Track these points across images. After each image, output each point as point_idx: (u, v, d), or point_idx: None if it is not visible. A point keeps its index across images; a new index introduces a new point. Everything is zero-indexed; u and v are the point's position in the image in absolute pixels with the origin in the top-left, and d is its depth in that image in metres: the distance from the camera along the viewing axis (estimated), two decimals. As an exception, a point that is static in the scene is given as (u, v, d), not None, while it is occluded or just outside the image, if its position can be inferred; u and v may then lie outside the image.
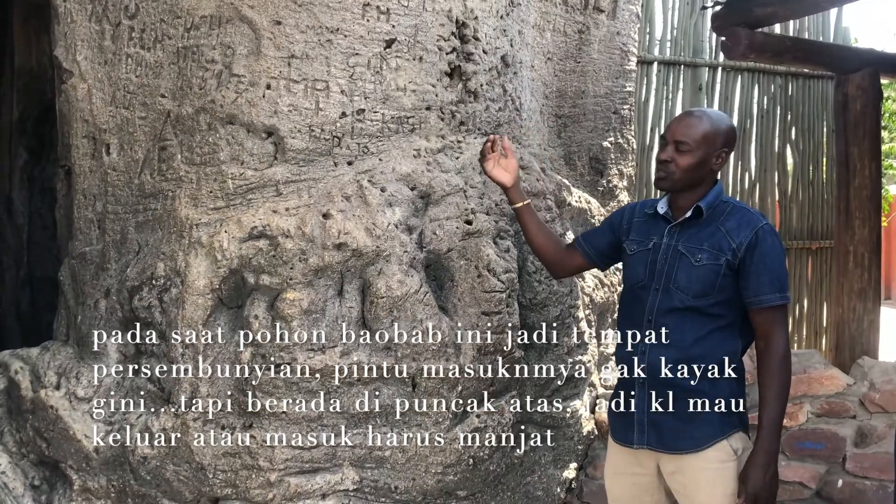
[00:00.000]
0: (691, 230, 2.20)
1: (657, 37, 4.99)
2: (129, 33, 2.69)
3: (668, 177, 2.19)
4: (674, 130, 2.20)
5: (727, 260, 2.13)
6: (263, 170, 2.51)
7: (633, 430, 2.24)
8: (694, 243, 2.18)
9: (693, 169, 2.17)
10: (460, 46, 2.74)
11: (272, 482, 2.38)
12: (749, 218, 2.17)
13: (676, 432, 2.17)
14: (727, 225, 2.16)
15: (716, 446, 2.15)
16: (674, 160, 2.18)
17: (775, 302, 2.12)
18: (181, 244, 2.50)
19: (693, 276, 2.14)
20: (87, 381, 2.59)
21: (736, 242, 2.13)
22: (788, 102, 5.49)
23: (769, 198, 5.45)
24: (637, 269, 2.26)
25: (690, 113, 2.26)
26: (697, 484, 2.15)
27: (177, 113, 2.59)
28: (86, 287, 2.76)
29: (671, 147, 2.19)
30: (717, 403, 2.16)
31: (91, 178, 2.78)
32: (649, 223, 2.30)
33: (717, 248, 2.14)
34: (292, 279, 2.41)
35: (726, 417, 2.17)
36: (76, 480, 2.52)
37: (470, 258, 2.57)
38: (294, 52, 2.50)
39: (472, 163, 2.68)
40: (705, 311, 2.14)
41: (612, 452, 2.36)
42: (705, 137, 2.16)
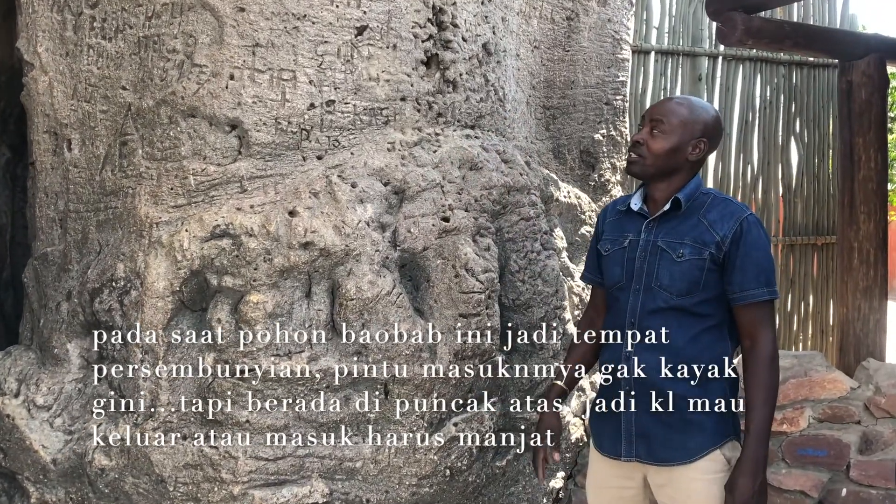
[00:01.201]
0: (670, 223, 2.06)
1: (654, 25, 4.83)
2: (91, 23, 2.56)
3: (640, 160, 2.06)
4: (651, 110, 2.08)
5: (711, 254, 1.99)
6: (227, 165, 2.38)
7: (620, 441, 2.09)
8: (674, 237, 2.03)
9: (666, 154, 2.03)
10: (437, 34, 2.60)
11: (235, 495, 2.24)
12: (732, 208, 2.03)
13: (666, 442, 2.03)
14: (709, 217, 2.02)
15: (708, 457, 2.01)
16: (646, 142, 2.04)
17: (762, 297, 1.97)
18: (141, 244, 2.37)
19: (676, 272, 2.00)
20: (47, 389, 2.47)
21: (720, 235, 1.99)
22: (793, 92, 5.31)
23: (772, 192, 5.28)
24: (614, 270, 2.12)
25: (671, 98, 2.13)
26: (689, 497, 2.00)
27: (137, 106, 2.46)
28: (48, 289, 2.64)
29: (646, 128, 2.06)
30: (709, 410, 2.01)
31: (53, 175, 2.66)
32: (623, 220, 2.16)
33: (700, 242, 2.00)
34: (256, 280, 2.27)
35: (719, 425, 2.02)
36: (33, 493, 2.40)
37: (447, 257, 2.43)
38: (259, 40, 2.37)
39: (450, 156, 2.54)
40: (691, 310, 2.00)
41: (595, 463, 2.21)
42: (683, 122, 2.03)
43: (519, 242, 2.67)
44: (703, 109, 2.08)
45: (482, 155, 2.61)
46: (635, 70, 4.74)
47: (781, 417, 2.93)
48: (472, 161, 2.57)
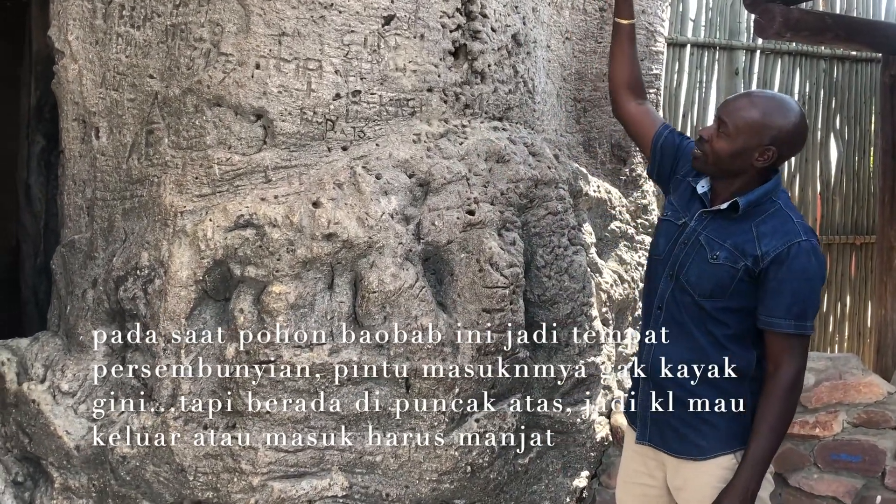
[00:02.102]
0: (720, 222, 1.95)
1: (690, 17, 4.73)
2: (120, 11, 2.56)
3: (702, 157, 1.95)
4: (724, 107, 1.93)
5: (746, 266, 1.88)
6: (251, 155, 2.36)
7: (635, 421, 2.13)
8: (717, 237, 1.93)
9: (727, 157, 1.90)
10: (466, 24, 2.55)
11: (255, 486, 2.24)
12: (788, 227, 1.88)
13: (678, 435, 2.01)
14: (761, 228, 1.89)
15: (722, 461, 1.96)
16: (711, 140, 1.92)
17: (787, 330, 1.86)
18: (165, 233, 2.37)
19: (705, 273, 1.93)
20: (72, 375, 2.49)
21: (762, 250, 1.87)
22: (833, 88, 5.17)
23: (810, 189, 5.16)
24: (660, 240, 2.07)
25: (748, 94, 1.97)
26: (703, 502, 1.95)
27: (164, 94, 2.45)
28: (74, 276, 2.66)
29: (714, 125, 1.94)
30: (724, 412, 1.96)
31: (81, 162, 2.67)
32: (691, 194, 2.05)
33: (740, 251, 1.89)
34: (279, 271, 2.26)
35: (734, 429, 1.96)
36: (57, 478, 2.42)
37: (471, 251, 2.39)
38: (285, 29, 2.35)
39: (476, 149, 2.50)
40: (713, 314, 1.93)
41: (625, 459, 2.21)
42: (750, 126, 1.86)
43: (546, 237, 2.62)
44: (781, 113, 1.88)
45: (509, 147, 2.56)
46: (670, 63, 4.64)
47: (814, 421, 2.85)
48: (499, 153, 2.53)
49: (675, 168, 2.16)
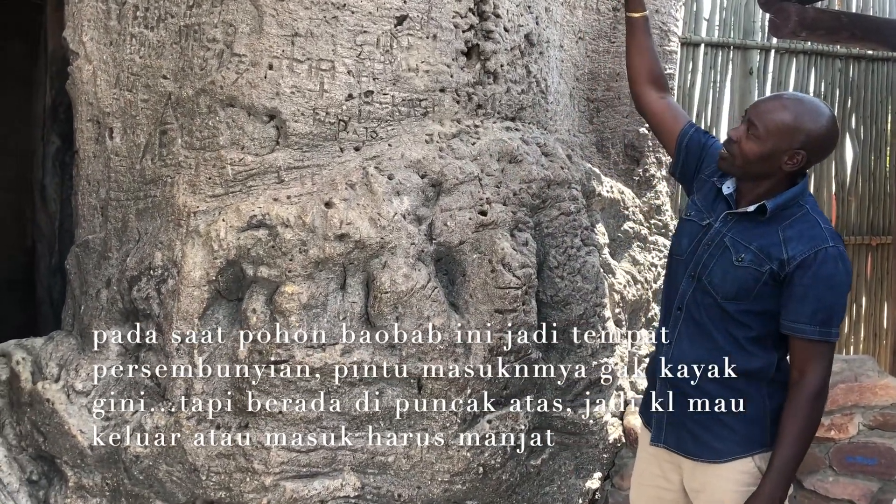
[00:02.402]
0: (745, 224, 1.93)
1: (704, 16, 4.70)
2: (134, 12, 2.57)
3: (729, 158, 1.92)
4: (754, 109, 1.90)
5: (771, 270, 1.86)
6: (264, 155, 2.36)
7: (651, 422, 2.10)
8: (743, 239, 1.91)
9: (756, 160, 1.87)
10: (478, 23, 2.55)
11: (267, 486, 2.24)
12: (815, 232, 1.86)
13: (695, 437, 1.99)
14: (788, 232, 1.87)
15: (738, 464, 1.94)
16: (739, 142, 1.88)
17: (812, 336, 1.85)
18: (178, 233, 2.38)
19: (729, 275, 1.91)
20: (87, 375, 2.50)
21: (788, 254, 1.85)
22: (849, 87, 5.13)
23: (825, 190, 5.12)
24: (682, 240, 2.04)
25: (779, 96, 1.94)
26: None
27: (177, 95, 2.46)
28: (88, 276, 2.67)
29: (744, 127, 1.89)
30: (742, 414, 1.94)
31: (95, 163, 2.68)
32: (713, 198, 2.03)
33: (765, 254, 1.87)
34: (291, 271, 2.26)
35: (752, 432, 1.94)
36: (71, 477, 2.43)
37: (484, 251, 2.39)
38: (298, 29, 2.35)
39: (489, 149, 2.49)
40: (735, 316, 1.92)
41: (639, 461, 2.20)
42: (781, 129, 1.83)
43: (558, 237, 2.61)
44: (811, 117, 1.84)
45: (522, 148, 2.56)
46: (684, 63, 4.61)
47: (829, 423, 2.82)
48: (512, 154, 2.52)
49: (699, 168, 2.13)
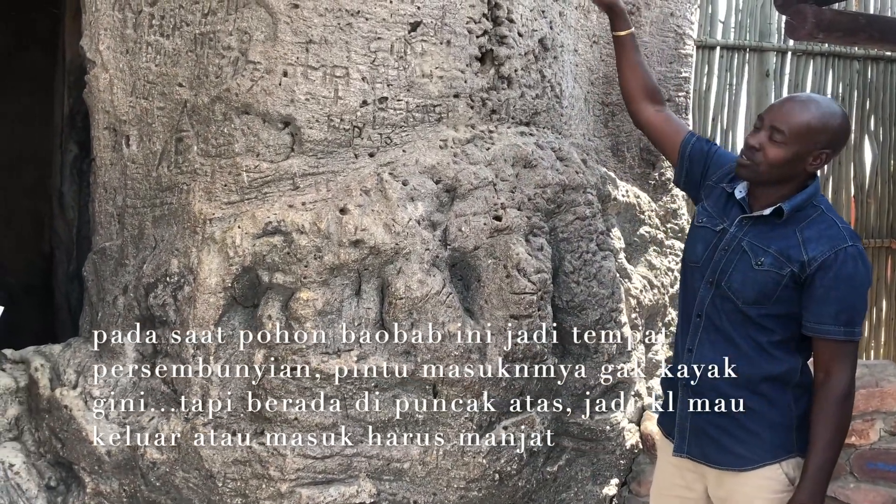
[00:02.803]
0: (761, 227, 1.91)
1: (720, 19, 4.67)
2: (150, 21, 2.59)
3: (753, 166, 1.87)
4: (772, 114, 1.85)
5: (792, 272, 1.84)
6: (279, 162, 2.37)
7: (673, 432, 2.05)
8: (761, 243, 1.89)
9: (782, 164, 1.84)
10: (492, 29, 2.55)
11: (283, 493, 2.24)
12: (833, 232, 1.85)
13: (720, 446, 1.95)
14: (806, 233, 1.85)
15: (766, 471, 1.91)
16: (763, 148, 1.84)
17: (836, 336, 1.83)
18: (194, 240, 2.39)
19: (749, 279, 1.88)
20: (104, 381, 2.51)
21: (809, 255, 1.83)
22: (868, 88, 5.08)
23: (844, 192, 5.07)
24: (696, 247, 2.01)
25: (794, 98, 1.93)
26: None
27: (193, 103, 2.47)
28: (105, 283, 2.69)
29: (764, 133, 1.85)
30: (768, 419, 1.92)
31: (112, 170, 2.70)
32: (725, 203, 2.01)
33: (785, 256, 1.85)
34: (307, 278, 2.26)
35: (779, 437, 1.92)
36: (89, 483, 2.44)
37: (498, 257, 2.38)
38: (312, 36, 2.36)
39: (503, 154, 2.49)
40: (756, 320, 1.89)
41: (660, 470, 2.16)
42: (807, 131, 1.81)
43: (574, 242, 2.60)
44: (832, 115, 1.84)
45: (537, 152, 2.55)
46: (699, 66, 4.59)
47: (850, 429, 2.78)
48: (526, 159, 2.52)
49: (705, 174, 2.11)
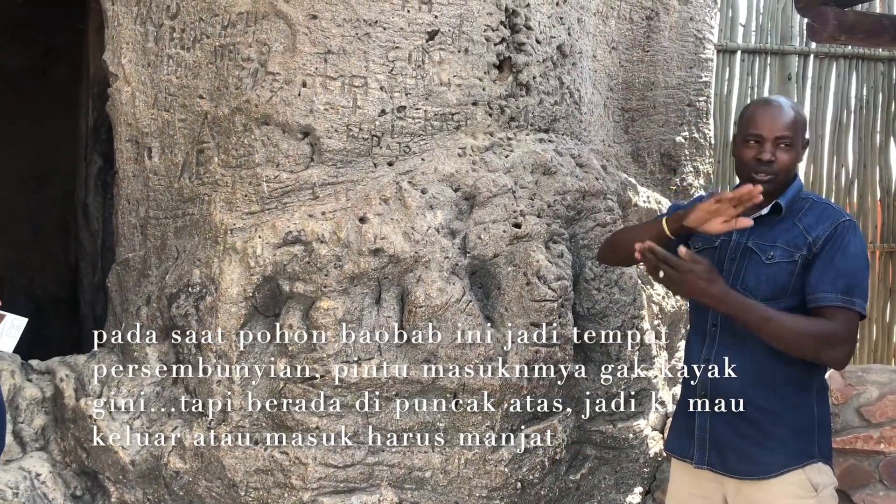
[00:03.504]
0: (764, 227, 1.96)
1: (741, 22, 4.64)
2: (171, 34, 2.62)
3: (773, 179, 1.92)
4: (770, 126, 1.92)
5: (802, 256, 1.89)
6: (299, 172, 2.39)
7: (692, 444, 2.02)
8: (766, 240, 1.94)
9: (793, 164, 1.95)
10: (510, 36, 2.55)
11: (305, 502, 2.25)
12: (830, 212, 1.93)
13: (741, 454, 1.93)
14: (805, 220, 1.93)
15: (790, 477, 1.88)
16: (778, 159, 1.91)
17: (832, 302, 1.83)
18: (216, 250, 2.41)
19: (763, 275, 1.90)
20: (127, 391, 2.53)
21: (813, 236, 1.89)
22: (892, 90, 5.01)
23: (869, 196, 5.00)
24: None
25: (768, 102, 2.00)
26: None
27: (213, 114, 2.50)
28: (129, 294, 2.71)
29: (770, 144, 1.91)
30: (791, 425, 1.90)
31: (134, 182, 2.73)
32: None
33: (793, 245, 1.90)
34: (327, 287, 2.27)
35: (802, 443, 1.90)
36: (114, 492, 2.46)
37: (518, 264, 2.37)
38: (330, 47, 2.37)
39: (522, 161, 2.49)
40: None
41: (675, 479, 2.13)
42: (797, 127, 1.94)
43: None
44: (798, 105, 2.02)
45: (556, 159, 2.54)
46: (720, 70, 4.56)
47: (879, 436, 2.74)
48: (546, 165, 2.51)
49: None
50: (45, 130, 5.09)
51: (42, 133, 5.08)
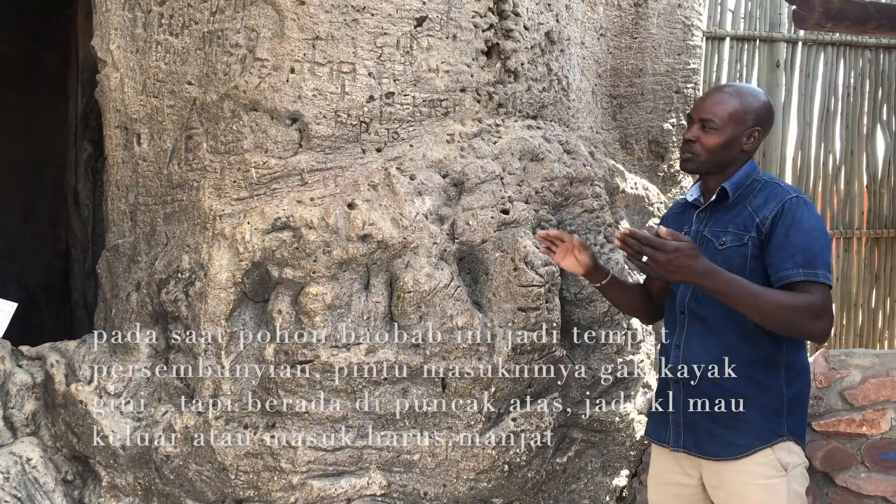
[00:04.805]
0: (718, 214, 2.03)
1: (730, 9, 4.65)
2: (159, 20, 2.62)
3: (694, 158, 2.02)
4: (699, 108, 2.02)
5: (752, 237, 1.93)
6: (288, 158, 2.39)
7: (668, 429, 2.08)
8: (719, 227, 2.01)
9: (720, 149, 1.99)
10: (498, 23, 2.56)
11: (294, 485, 2.27)
12: (777, 191, 1.97)
13: (713, 437, 1.98)
14: (754, 203, 1.98)
15: (758, 457, 1.93)
16: (699, 140, 2.00)
17: (796, 277, 1.85)
18: (205, 236, 2.42)
19: (718, 261, 1.92)
20: (118, 377, 2.55)
21: (760, 217, 1.93)
22: (880, 78, 5.03)
23: (856, 182, 5.03)
24: None
25: (720, 88, 2.07)
26: (741, 501, 1.93)
27: (202, 100, 2.50)
28: (119, 280, 2.72)
29: (696, 126, 2.01)
30: (760, 406, 1.94)
31: (123, 168, 2.74)
32: (683, 213, 2.15)
33: (742, 228, 1.95)
34: (315, 272, 2.29)
35: (771, 423, 1.94)
36: (104, 477, 2.48)
37: (506, 250, 2.39)
38: (319, 33, 2.38)
39: (510, 147, 2.50)
40: None
41: (655, 459, 2.19)
42: (733, 115, 1.98)
43: (582, 235, 2.61)
44: (754, 97, 2.02)
45: (544, 146, 2.56)
46: (709, 57, 4.57)
47: (861, 419, 2.78)
48: (534, 152, 2.53)
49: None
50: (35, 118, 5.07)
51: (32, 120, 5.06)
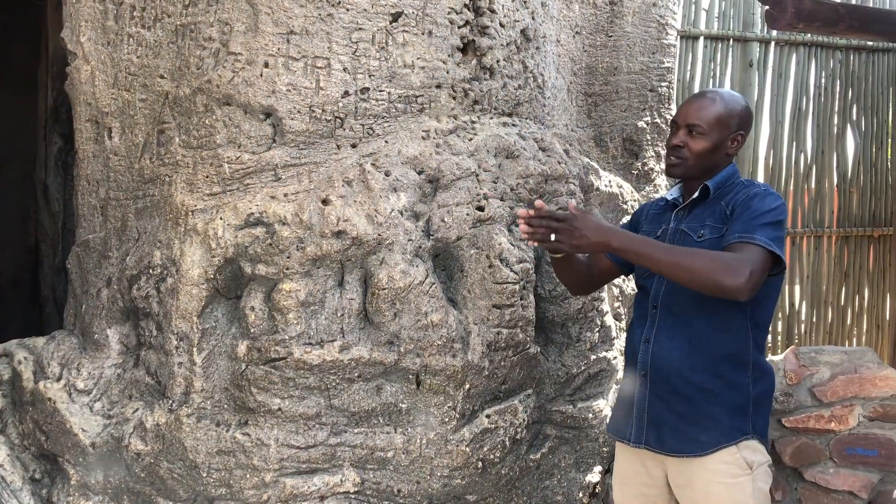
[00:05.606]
0: (695, 211, 2.08)
1: (704, 8, 4.69)
2: (131, 12, 2.58)
3: (681, 163, 2.06)
4: (685, 113, 2.06)
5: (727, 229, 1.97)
6: (261, 153, 2.37)
7: (630, 424, 2.08)
8: (697, 221, 2.05)
9: (707, 154, 2.04)
10: (474, 19, 2.55)
11: (267, 483, 2.25)
12: (750, 187, 2.04)
13: (677, 433, 2.00)
14: (728, 199, 2.03)
15: (724, 455, 1.95)
16: (686, 145, 2.04)
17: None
18: (177, 231, 2.39)
19: None
20: (88, 373, 2.51)
21: (730, 208, 1.99)
22: (850, 78, 5.10)
23: (827, 181, 5.10)
24: None
25: (703, 94, 2.12)
26: (707, 499, 1.94)
27: (175, 94, 2.47)
28: (89, 275, 2.68)
29: (683, 131, 2.05)
30: (726, 404, 1.96)
31: (94, 163, 2.70)
32: (662, 213, 2.18)
33: (720, 221, 2.01)
34: (289, 269, 2.27)
35: (736, 420, 1.97)
36: (73, 475, 2.45)
37: (481, 247, 2.39)
38: (293, 27, 2.36)
39: (486, 144, 2.50)
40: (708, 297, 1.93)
41: (618, 458, 2.20)
42: (719, 120, 2.03)
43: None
44: (736, 102, 2.09)
45: (519, 143, 2.56)
46: (683, 55, 4.60)
47: (829, 415, 2.82)
48: (509, 149, 2.53)
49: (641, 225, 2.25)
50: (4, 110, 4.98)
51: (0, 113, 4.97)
